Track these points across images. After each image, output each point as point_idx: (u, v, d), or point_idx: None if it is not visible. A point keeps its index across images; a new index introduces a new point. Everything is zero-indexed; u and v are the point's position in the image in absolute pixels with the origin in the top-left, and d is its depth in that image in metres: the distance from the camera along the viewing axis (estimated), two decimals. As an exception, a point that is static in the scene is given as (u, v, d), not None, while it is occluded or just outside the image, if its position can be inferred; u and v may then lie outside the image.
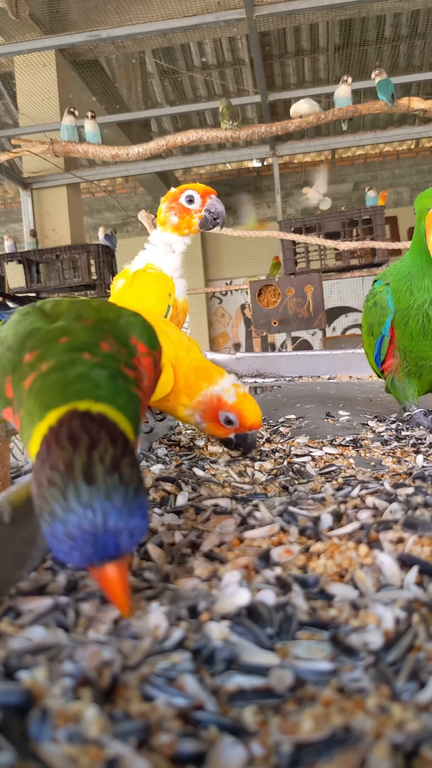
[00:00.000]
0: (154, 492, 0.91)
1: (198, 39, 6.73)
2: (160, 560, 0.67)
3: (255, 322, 5.71)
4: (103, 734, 0.36)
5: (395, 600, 0.54)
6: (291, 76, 8.07)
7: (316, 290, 5.57)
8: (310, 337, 10.34)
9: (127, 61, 7.08)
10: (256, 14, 4.73)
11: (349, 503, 0.85)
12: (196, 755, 0.37)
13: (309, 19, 6.35)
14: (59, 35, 5.21)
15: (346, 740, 0.37)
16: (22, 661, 0.42)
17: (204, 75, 7.69)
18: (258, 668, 0.46)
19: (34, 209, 6.58)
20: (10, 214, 10.32)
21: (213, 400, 1.16)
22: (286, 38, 7.25)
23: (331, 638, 0.50)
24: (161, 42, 6.38)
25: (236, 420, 1.15)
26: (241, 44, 7.13)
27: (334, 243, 4.47)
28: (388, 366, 1.71)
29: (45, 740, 0.35)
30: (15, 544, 0.60)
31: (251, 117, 8.63)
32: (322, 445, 1.36)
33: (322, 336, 8.20)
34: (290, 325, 5.66)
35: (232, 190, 10.60)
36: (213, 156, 7.40)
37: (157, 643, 0.48)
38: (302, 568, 0.64)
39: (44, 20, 5.61)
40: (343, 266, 6.40)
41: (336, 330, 10.49)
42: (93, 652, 0.43)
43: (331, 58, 7.56)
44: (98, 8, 5.36)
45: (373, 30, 7.05)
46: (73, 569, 0.59)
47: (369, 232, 6.19)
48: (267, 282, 5.73)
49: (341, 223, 6.20)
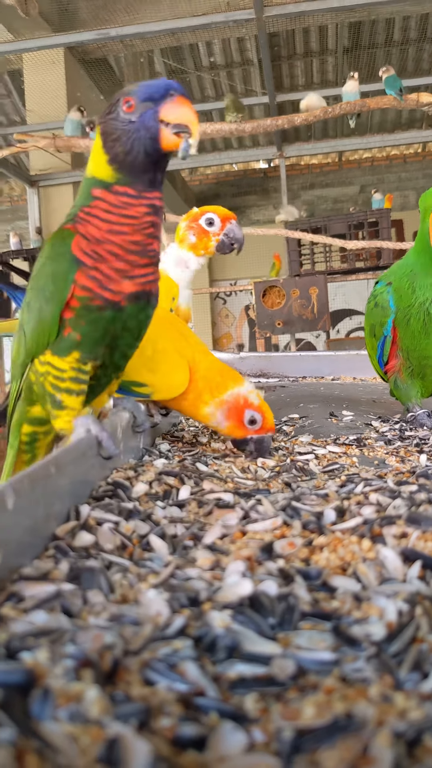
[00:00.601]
0: (157, 485, 0.91)
1: (207, 39, 6.74)
2: (162, 551, 0.67)
3: (259, 323, 5.70)
4: (104, 715, 0.36)
5: (398, 593, 0.54)
6: (299, 78, 8.07)
7: (321, 292, 5.56)
8: (314, 339, 10.32)
9: (136, 60, 7.08)
10: (266, 15, 4.74)
11: (352, 499, 0.85)
12: (196, 739, 0.36)
13: (318, 21, 6.34)
14: (68, 33, 5.22)
15: (348, 727, 0.37)
16: (24, 642, 0.42)
17: (212, 75, 7.70)
18: (260, 657, 0.46)
19: (40, 207, 6.59)
20: (16, 212, 10.35)
21: (239, 399, 1.21)
22: (295, 39, 7.25)
23: (334, 629, 0.50)
24: (170, 41, 6.38)
25: (260, 420, 1.21)
26: (250, 45, 7.14)
27: (341, 242, 4.46)
28: (391, 367, 1.71)
29: (46, 719, 0.35)
30: (18, 532, 0.60)
31: (259, 117, 8.63)
32: (326, 444, 1.36)
33: (326, 338, 8.20)
34: (294, 327, 5.65)
35: (239, 190, 10.61)
36: (220, 156, 7.41)
37: (158, 630, 0.48)
38: (305, 561, 0.64)
39: (53, 18, 5.62)
40: (348, 268, 6.38)
41: (340, 332, 10.47)
42: (95, 635, 0.43)
43: (340, 60, 7.56)
44: (107, 7, 5.37)
45: (382, 33, 7.04)
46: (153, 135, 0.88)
47: (375, 235, 6.17)
48: (272, 283, 5.72)
49: (347, 226, 6.19)
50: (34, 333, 0.96)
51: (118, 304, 0.93)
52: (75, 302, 0.91)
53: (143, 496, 0.86)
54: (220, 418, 1.22)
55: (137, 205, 0.91)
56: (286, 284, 5.66)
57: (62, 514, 0.73)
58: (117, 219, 0.90)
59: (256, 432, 1.22)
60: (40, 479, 0.67)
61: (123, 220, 0.91)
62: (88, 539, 0.67)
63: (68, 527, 0.69)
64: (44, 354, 0.97)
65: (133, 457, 1.13)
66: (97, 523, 0.71)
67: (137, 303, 0.95)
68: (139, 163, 0.89)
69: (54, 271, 0.92)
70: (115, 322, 0.94)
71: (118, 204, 0.91)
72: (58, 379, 0.96)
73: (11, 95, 7.73)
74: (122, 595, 0.55)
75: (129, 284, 0.92)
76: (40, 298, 0.94)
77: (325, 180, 10.47)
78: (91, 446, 0.89)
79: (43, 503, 0.67)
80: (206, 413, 1.24)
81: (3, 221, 10.61)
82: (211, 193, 10.75)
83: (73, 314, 0.92)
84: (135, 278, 0.93)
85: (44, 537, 0.67)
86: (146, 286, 0.95)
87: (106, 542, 0.67)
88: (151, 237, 0.93)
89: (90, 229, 0.91)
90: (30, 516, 0.63)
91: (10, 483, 0.60)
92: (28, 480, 0.65)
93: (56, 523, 0.70)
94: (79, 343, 0.94)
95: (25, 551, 0.61)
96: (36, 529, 0.65)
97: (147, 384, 1.24)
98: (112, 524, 0.71)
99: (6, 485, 0.59)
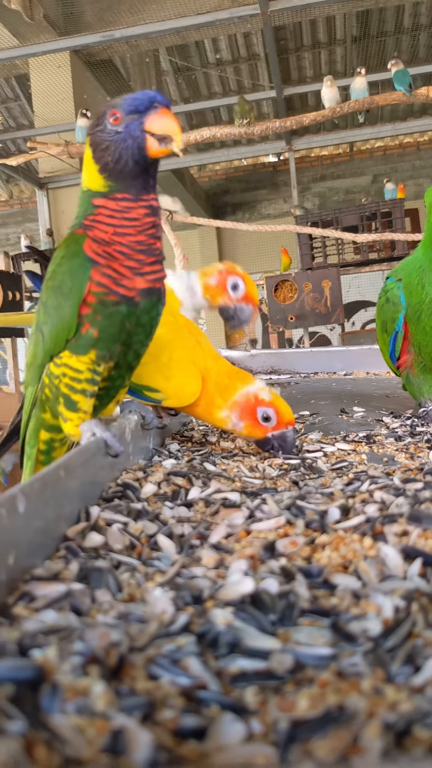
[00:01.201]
0: (166, 486, 0.93)
1: (212, 35, 6.73)
2: (170, 550, 0.69)
3: (271, 318, 5.70)
4: (110, 708, 0.38)
5: (395, 590, 0.56)
6: (307, 69, 8.02)
7: (334, 285, 5.54)
8: (328, 332, 10.28)
9: (141, 59, 7.10)
10: (271, 9, 4.72)
11: (357, 498, 0.87)
12: (197, 730, 0.39)
13: (325, 12, 6.30)
14: (73, 36, 5.26)
15: (340, 718, 0.39)
16: (35, 640, 0.44)
17: (219, 71, 7.68)
18: (260, 652, 0.48)
19: (50, 209, 6.66)
20: (26, 214, 10.44)
21: (250, 398, 1.22)
22: (302, 31, 7.21)
23: (332, 625, 0.52)
24: (175, 40, 6.39)
25: (274, 416, 1.21)
26: (256, 39, 7.11)
27: (352, 236, 4.44)
28: (403, 362, 1.72)
29: (55, 712, 0.37)
30: (29, 533, 0.63)
31: (267, 112, 8.60)
32: (335, 441, 1.37)
33: (341, 331, 8.15)
34: (307, 321, 5.64)
35: (248, 185, 10.58)
36: (228, 152, 7.41)
37: (163, 627, 0.50)
38: (307, 559, 0.66)
39: (58, 22, 5.66)
40: (361, 260, 6.34)
41: (355, 325, 10.41)
42: (102, 633, 0.46)
43: (349, 50, 7.50)
44: (112, 8, 5.39)
45: (391, 20, 6.97)
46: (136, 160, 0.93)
47: (388, 226, 6.12)
48: (283, 277, 5.71)
49: (359, 217, 6.14)
50: (54, 331, 0.99)
51: (133, 299, 0.97)
52: (92, 298, 0.95)
53: (152, 496, 0.89)
54: (236, 420, 1.23)
55: (137, 208, 0.96)
56: (298, 278, 5.65)
57: (73, 516, 0.75)
58: (120, 222, 0.95)
59: (275, 428, 1.21)
60: (50, 482, 0.70)
61: (126, 223, 0.95)
62: (97, 540, 0.69)
63: (78, 528, 0.72)
64: (61, 356, 1.00)
65: (143, 458, 1.15)
66: (107, 523, 0.74)
67: (149, 299, 0.99)
68: (128, 170, 0.94)
69: (70, 267, 0.96)
70: (130, 317, 0.98)
71: (120, 209, 0.95)
72: (75, 380, 0.99)
73: (19, 99, 7.80)
74: (130, 594, 0.57)
75: (141, 281, 0.97)
76: (59, 296, 0.98)
77: (337, 171, 10.40)
78: (100, 448, 0.92)
79: (54, 505, 0.70)
80: (221, 417, 1.25)
81: (14, 224, 10.72)
82: (220, 189, 10.75)
83: (90, 310, 0.96)
84: (146, 275, 0.97)
85: (55, 538, 0.69)
86: (156, 282, 1.00)
87: (115, 542, 0.69)
88: (153, 237, 0.98)
89: (97, 233, 0.96)
90: (41, 518, 0.66)
91: (21, 487, 0.62)
92: (39, 483, 0.67)
93: (67, 524, 0.73)
94: (97, 340, 0.97)
95: (37, 552, 0.64)
96: (47, 530, 0.67)
97: (160, 390, 1.26)
98: (121, 525, 0.74)
99: (17, 489, 0.62)
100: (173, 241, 3.23)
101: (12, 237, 10.58)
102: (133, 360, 1.06)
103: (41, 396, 1.07)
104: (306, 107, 8.40)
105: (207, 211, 10.17)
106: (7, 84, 7.57)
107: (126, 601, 0.56)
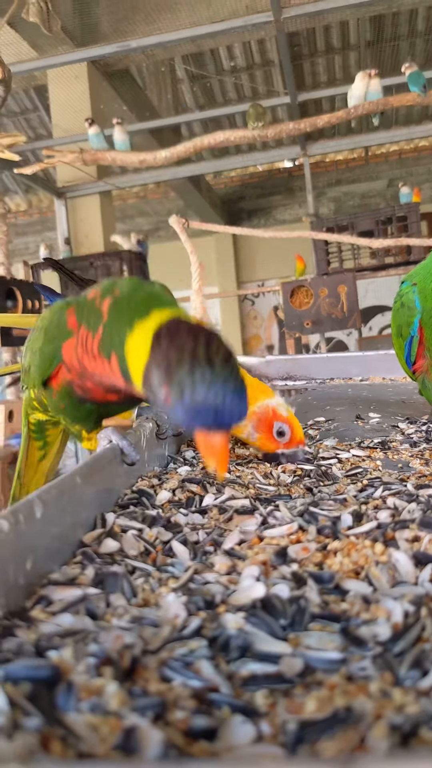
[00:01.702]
0: (180, 493, 0.95)
1: (227, 43, 6.78)
2: (184, 556, 0.71)
3: (287, 324, 5.71)
4: (122, 707, 0.40)
5: (404, 594, 0.57)
6: (321, 75, 8.04)
7: (350, 290, 5.53)
8: (345, 337, 10.25)
9: (157, 68, 7.18)
10: (284, 16, 4.74)
11: (370, 504, 0.87)
12: (208, 731, 0.40)
13: (339, 17, 6.32)
14: (90, 47, 5.33)
15: (347, 719, 0.40)
16: (52, 642, 0.46)
17: (233, 78, 7.73)
18: (270, 656, 0.49)
19: (68, 217, 6.74)
20: (45, 223, 10.58)
21: (269, 411, 1.22)
22: (316, 37, 7.23)
23: (342, 630, 0.52)
24: (190, 48, 6.45)
25: (288, 432, 1.22)
26: (270, 45, 7.15)
27: (366, 241, 4.42)
28: (419, 367, 1.71)
29: (70, 710, 0.39)
30: (46, 539, 0.65)
31: (282, 118, 8.62)
32: (350, 448, 1.37)
33: (358, 336, 8.12)
34: (323, 326, 5.63)
35: (264, 191, 10.61)
36: (243, 158, 7.43)
37: (176, 631, 0.51)
38: (318, 565, 0.67)
39: (75, 33, 5.75)
40: (377, 265, 6.32)
41: (372, 330, 10.36)
42: (116, 636, 0.47)
43: (363, 55, 7.49)
44: (127, 18, 5.46)
45: (404, 24, 6.96)
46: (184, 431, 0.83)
47: (404, 230, 6.10)
48: (299, 283, 5.72)
49: (375, 222, 6.13)
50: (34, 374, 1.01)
51: (98, 402, 0.98)
52: (56, 383, 0.96)
53: (166, 503, 0.90)
54: (251, 430, 1.23)
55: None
56: (313, 283, 5.65)
57: (89, 522, 0.77)
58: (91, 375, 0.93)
59: (286, 445, 1.22)
60: (66, 489, 0.72)
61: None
62: (113, 546, 0.71)
63: (94, 534, 0.74)
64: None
65: (158, 465, 1.17)
66: (122, 530, 0.76)
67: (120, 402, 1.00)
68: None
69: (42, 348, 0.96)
70: (99, 409, 1.01)
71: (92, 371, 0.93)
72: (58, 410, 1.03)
73: (38, 110, 7.93)
74: (144, 599, 0.59)
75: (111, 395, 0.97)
76: (36, 355, 0.99)
77: (352, 176, 10.38)
78: (116, 455, 0.94)
79: (70, 512, 0.72)
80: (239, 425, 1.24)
81: (33, 233, 10.87)
82: (236, 195, 10.79)
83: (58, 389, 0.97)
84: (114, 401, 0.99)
85: (72, 544, 0.71)
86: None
87: (130, 548, 0.71)
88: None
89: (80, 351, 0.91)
90: (58, 524, 0.68)
91: (38, 493, 0.64)
92: (56, 490, 0.69)
93: (83, 530, 0.75)
94: (63, 410, 1.00)
95: (54, 557, 0.66)
96: (64, 536, 0.69)
97: None
98: (136, 531, 0.75)
99: (34, 496, 0.64)
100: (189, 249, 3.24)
101: (31, 246, 10.74)
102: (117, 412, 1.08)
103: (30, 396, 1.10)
104: (320, 112, 8.38)
105: (223, 217, 10.22)
106: (26, 95, 7.71)
107: (140, 605, 0.58)
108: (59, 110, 6.59)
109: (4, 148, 3.47)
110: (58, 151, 5.59)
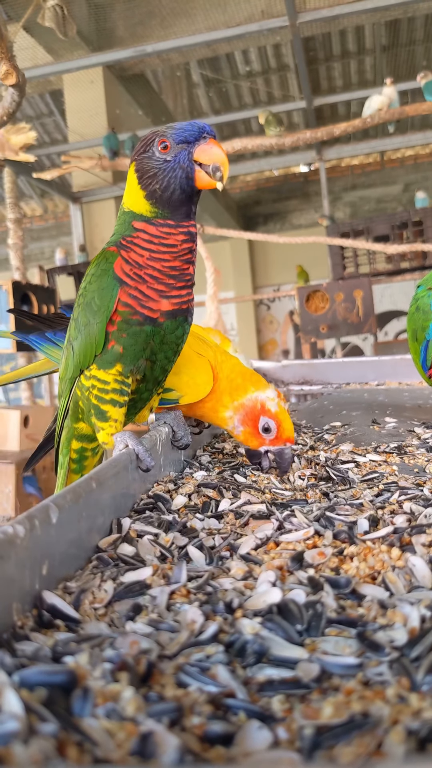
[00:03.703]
0: (196, 497, 0.95)
1: (242, 47, 6.80)
2: (200, 561, 0.71)
3: (303, 329, 5.69)
4: (139, 713, 0.39)
5: (421, 599, 0.56)
6: (337, 79, 8.03)
7: (366, 294, 5.50)
8: (361, 342, 10.19)
9: (173, 73, 7.22)
10: (299, 21, 4.75)
11: (386, 509, 0.87)
12: (224, 736, 0.40)
13: (354, 22, 6.31)
14: (106, 52, 5.37)
15: (364, 725, 0.39)
16: (68, 647, 0.46)
17: (249, 83, 7.75)
18: (287, 661, 0.49)
19: (83, 222, 6.79)
20: (61, 228, 10.67)
21: (256, 405, 1.17)
22: (332, 42, 7.22)
23: (359, 635, 0.52)
24: (206, 52, 6.47)
25: (274, 429, 1.15)
26: (286, 50, 7.15)
27: (381, 247, 4.40)
28: (435, 371, 1.70)
29: (86, 716, 0.39)
30: (62, 545, 0.65)
31: (297, 122, 8.62)
32: (366, 452, 1.36)
33: (374, 341, 8.07)
34: (339, 331, 5.61)
35: (279, 196, 10.61)
36: (259, 163, 7.44)
37: (192, 636, 0.51)
38: (335, 570, 0.67)
39: (91, 38, 5.80)
40: (393, 269, 6.28)
41: (388, 335, 10.29)
42: (132, 641, 0.47)
43: (378, 60, 7.47)
44: (143, 23, 5.50)
45: (420, 29, 6.93)
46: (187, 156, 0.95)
47: (420, 235, 6.06)
48: (315, 287, 5.70)
49: (390, 226, 6.10)
50: (82, 346, 1.04)
51: (157, 320, 1.00)
52: (117, 316, 0.99)
53: (182, 508, 0.90)
54: (237, 423, 1.18)
55: (176, 234, 0.99)
56: (329, 288, 5.63)
57: (105, 527, 0.77)
58: (158, 248, 0.98)
59: (272, 442, 1.15)
60: (82, 494, 0.72)
61: (163, 249, 0.98)
62: (129, 551, 0.71)
63: (110, 539, 0.74)
64: (90, 368, 1.04)
65: (174, 470, 1.17)
66: (138, 535, 0.76)
67: (174, 320, 1.02)
68: (175, 198, 0.97)
69: (99, 287, 1.00)
70: (154, 336, 1.01)
71: (159, 235, 0.98)
72: (103, 392, 1.03)
73: (53, 114, 8.02)
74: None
75: (167, 303, 1.00)
76: (88, 313, 1.02)
77: (368, 180, 10.34)
78: (132, 460, 0.94)
79: (86, 517, 0.72)
80: (225, 417, 1.20)
81: (48, 237, 10.97)
82: (251, 199, 10.80)
83: (116, 328, 1.00)
84: (172, 298, 1.01)
85: (87, 549, 0.71)
86: (183, 305, 1.02)
87: (146, 553, 0.71)
88: (187, 262, 1.01)
89: (132, 255, 0.99)
90: (73, 529, 0.68)
91: (54, 499, 0.65)
92: (71, 495, 0.69)
93: (99, 535, 0.75)
94: (122, 355, 1.01)
95: (70, 563, 0.66)
96: (80, 541, 0.69)
97: (174, 388, 1.23)
98: (152, 536, 0.75)
99: (49, 501, 0.64)
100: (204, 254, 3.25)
101: (47, 251, 10.84)
102: (160, 374, 1.09)
103: (73, 407, 1.11)
104: (336, 117, 8.39)
105: (238, 222, 10.23)
106: (41, 100, 7.80)
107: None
108: (74, 114, 6.64)
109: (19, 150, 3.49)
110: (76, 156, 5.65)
